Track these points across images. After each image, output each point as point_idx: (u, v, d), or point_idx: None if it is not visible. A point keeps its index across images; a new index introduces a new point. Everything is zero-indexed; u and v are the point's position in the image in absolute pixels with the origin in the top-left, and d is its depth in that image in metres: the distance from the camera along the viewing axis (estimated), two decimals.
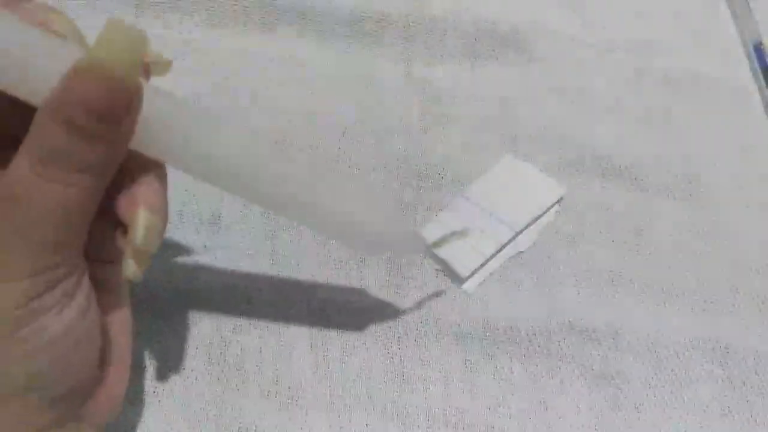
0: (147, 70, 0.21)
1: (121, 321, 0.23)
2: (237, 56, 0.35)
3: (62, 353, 0.20)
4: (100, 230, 0.21)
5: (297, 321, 0.29)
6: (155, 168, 0.20)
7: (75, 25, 0.20)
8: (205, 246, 0.30)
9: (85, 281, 0.20)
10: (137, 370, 0.27)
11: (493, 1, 0.38)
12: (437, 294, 0.30)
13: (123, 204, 0.20)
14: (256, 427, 0.27)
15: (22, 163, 0.18)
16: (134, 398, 0.27)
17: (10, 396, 0.19)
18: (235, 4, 0.37)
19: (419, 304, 0.30)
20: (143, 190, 0.20)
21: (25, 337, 0.19)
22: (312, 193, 0.22)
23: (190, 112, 0.20)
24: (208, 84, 0.34)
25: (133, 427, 0.26)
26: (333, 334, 0.29)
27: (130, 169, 0.20)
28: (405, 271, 0.30)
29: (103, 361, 0.22)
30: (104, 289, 0.22)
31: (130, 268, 0.20)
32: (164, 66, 0.21)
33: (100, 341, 0.21)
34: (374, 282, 0.30)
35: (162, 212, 0.20)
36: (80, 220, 0.19)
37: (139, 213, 0.20)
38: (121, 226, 0.20)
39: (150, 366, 0.28)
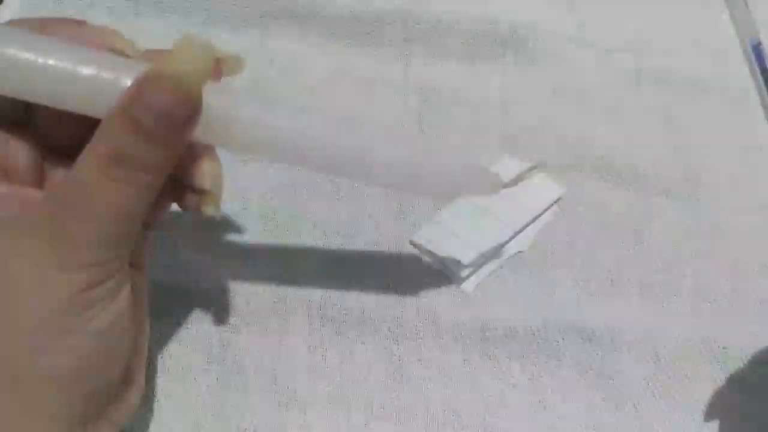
0: (219, 70, 0.22)
1: (141, 327, 0.24)
2: None
3: (106, 345, 0.20)
4: None
5: (296, 321, 0.29)
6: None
7: (133, 44, 0.22)
8: (204, 245, 0.30)
9: (129, 277, 0.21)
10: None
11: (493, 1, 0.38)
12: (436, 294, 0.30)
13: (187, 161, 0.22)
14: (255, 427, 0.27)
15: (89, 161, 0.19)
16: None
17: (52, 386, 0.20)
18: (235, 4, 0.37)
19: (418, 304, 0.30)
20: (200, 146, 0.22)
21: (75, 327, 0.19)
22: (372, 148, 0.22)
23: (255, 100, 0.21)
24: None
25: (132, 427, 0.26)
26: (332, 333, 0.29)
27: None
28: (404, 271, 0.30)
29: (130, 362, 0.22)
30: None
31: (210, 210, 0.22)
32: (237, 65, 0.22)
33: (135, 338, 0.22)
34: (373, 281, 0.30)
35: (219, 160, 0.22)
36: (137, 217, 0.20)
37: (204, 163, 0.22)
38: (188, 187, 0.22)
39: (149, 366, 0.28)
